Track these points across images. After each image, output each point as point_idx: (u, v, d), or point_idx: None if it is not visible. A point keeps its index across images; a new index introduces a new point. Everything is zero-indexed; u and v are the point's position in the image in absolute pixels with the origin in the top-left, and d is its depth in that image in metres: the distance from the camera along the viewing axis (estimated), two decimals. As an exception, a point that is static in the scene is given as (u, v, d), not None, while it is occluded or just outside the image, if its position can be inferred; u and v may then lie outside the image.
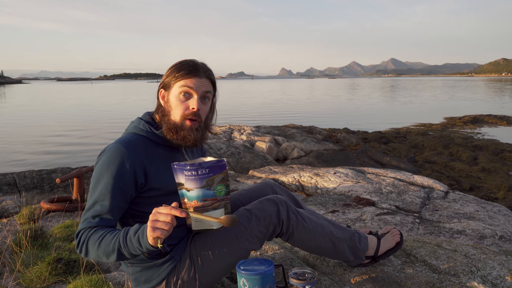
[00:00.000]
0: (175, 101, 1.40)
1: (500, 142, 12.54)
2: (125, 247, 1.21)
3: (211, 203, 1.21)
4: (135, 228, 1.21)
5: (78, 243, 1.30)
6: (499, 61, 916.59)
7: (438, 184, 4.21)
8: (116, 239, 1.23)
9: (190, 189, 1.19)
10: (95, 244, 1.26)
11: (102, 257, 1.26)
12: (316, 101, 37.50)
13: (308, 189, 4.37)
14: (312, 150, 9.94)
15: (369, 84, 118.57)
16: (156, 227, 1.12)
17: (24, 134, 16.24)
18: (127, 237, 1.21)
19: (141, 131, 1.42)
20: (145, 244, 1.16)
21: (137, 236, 1.19)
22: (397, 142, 12.57)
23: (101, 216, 1.31)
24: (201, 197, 1.19)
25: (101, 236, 1.26)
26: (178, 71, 1.40)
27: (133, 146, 1.36)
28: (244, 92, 64.97)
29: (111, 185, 1.31)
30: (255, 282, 1.36)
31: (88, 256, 1.30)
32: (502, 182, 7.88)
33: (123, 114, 25.20)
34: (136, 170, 1.34)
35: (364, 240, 1.71)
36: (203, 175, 1.19)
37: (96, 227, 1.30)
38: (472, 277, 1.69)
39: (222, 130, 10.99)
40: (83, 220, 1.32)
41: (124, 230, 1.24)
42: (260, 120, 20.10)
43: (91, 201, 1.32)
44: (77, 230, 1.32)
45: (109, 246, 1.23)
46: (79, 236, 1.30)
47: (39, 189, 6.24)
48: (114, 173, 1.31)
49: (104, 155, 1.34)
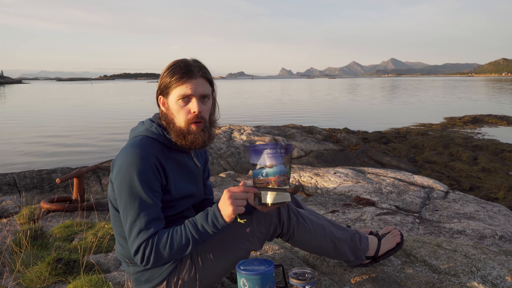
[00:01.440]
0: (175, 107, 1.39)
1: (500, 142, 12.54)
2: (200, 236, 1.31)
3: (284, 178, 1.34)
4: (203, 216, 1.31)
5: (143, 256, 1.30)
6: (499, 61, 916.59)
7: (438, 184, 4.21)
8: (187, 233, 1.30)
9: (272, 165, 1.32)
10: (166, 248, 1.30)
11: (176, 255, 1.32)
12: (316, 101, 37.50)
13: (308, 189, 4.37)
14: (312, 150, 9.94)
15: (369, 84, 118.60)
16: (238, 205, 1.26)
17: (24, 134, 16.23)
18: (198, 226, 1.31)
19: (153, 134, 1.40)
20: (222, 224, 1.29)
21: (211, 221, 1.29)
22: (397, 142, 12.56)
23: (153, 222, 1.32)
24: (281, 172, 1.33)
25: (168, 237, 1.30)
26: (171, 76, 1.37)
27: (149, 149, 1.35)
28: (244, 92, 64.97)
29: (145, 190, 1.30)
30: (255, 282, 1.36)
31: (159, 262, 1.33)
32: (502, 182, 7.88)
33: (123, 114, 25.21)
34: (159, 170, 1.35)
35: (364, 241, 1.71)
36: (282, 153, 1.33)
37: (155, 234, 1.31)
38: (472, 277, 1.69)
39: (222, 130, 10.98)
40: (136, 233, 1.30)
41: (189, 222, 1.32)
42: (260, 120, 20.09)
43: (133, 213, 1.30)
44: (135, 246, 1.30)
45: (182, 242, 1.30)
46: (141, 249, 1.30)
47: (39, 189, 6.24)
48: (143, 177, 1.30)
49: (123, 164, 1.31)
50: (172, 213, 1.44)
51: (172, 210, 1.44)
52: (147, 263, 1.31)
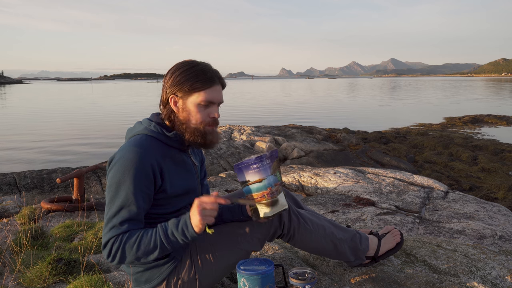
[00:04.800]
0: (194, 110, 1.40)
1: (500, 142, 12.55)
2: (168, 243, 1.28)
3: (277, 187, 1.34)
4: (174, 223, 1.29)
5: (110, 251, 1.29)
6: (499, 61, 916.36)
7: (438, 184, 4.21)
8: (156, 237, 1.28)
9: (261, 179, 1.31)
10: (133, 248, 1.28)
11: (141, 258, 1.30)
12: (316, 101, 37.49)
13: (308, 189, 4.37)
14: (312, 150, 9.94)
15: (369, 84, 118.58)
16: (206, 215, 1.24)
17: (24, 134, 16.24)
18: (168, 232, 1.28)
19: (152, 132, 1.41)
20: (191, 234, 1.26)
21: (181, 229, 1.27)
22: (397, 142, 12.57)
23: (129, 221, 1.30)
24: (272, 183, 1.32)
25: (137, 238, 1.28)
26: (194, 81, 1.37)
27: (147, 147, 1.35)
28: (244, 92, 64.96)
29: (134, 189, 1.29)
30: (255, 282, 1.36)
31: (124, 261, 1.31)
32: (502, 182, 7.89)
33: (123, 114, 25.21)
34: (154, 170, 1.34)
35: (365, 241, 1.71)
36: (268, 164, 1.32)
37: (126, 232, 1.30)
38: (472, 277, 1.69)
39: (222, 130, 10.98)
40: (109, 228, 1.30)
41: (160, 227, 1.30)
42: (260, 120, 20.09)
43: (114, 208, 1.30)
44: (105, 239, 1.30)
45: (150, 246, 1.28)
46: (109, 244, 1.29)
47: (39, 189, 6.25)
48: (135, 175, 1.29)
49: (119, 160, 1.32)
50: (169, 210, 1.44)
51: (169, 208, 1.44)
52: (113, 260, 1.29)
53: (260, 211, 1.35)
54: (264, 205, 1.33)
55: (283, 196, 1.40)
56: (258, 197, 1.33)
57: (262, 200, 1.33)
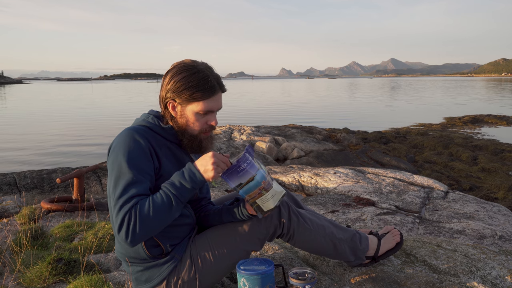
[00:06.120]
0: (192, 117, 1.41)
1: (500, 142, 12.54)
2: (180, 194, 1.29)
3: (268, 178, 1.36)
4: (179, 174, 1.30)
5: (127, 229, 1.22)
6: (499, 61, 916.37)
7: (438, 184, 4.21)
8: (167, 193, 1.27)
9: (252, 177, 1.32)
10: (150, 214, 1.23)
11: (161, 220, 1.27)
12: (316, 101, 37.49)
13: (308, 189, 4.37)
14: (312, 150, 9.94)
15: (369, 84, 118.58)
16: (218, 166, 1.27)
17: (24, 134, 16.24)
18: (176, 183, 1.29)
19: (149, 124, 1.44)
20: (199, 179, 1.28)
21: (188, 176, 1.29)
22: (397, 142, 12.56)
23: (137, 196, 1.27)
24: (264, 176, 1.34)
25: (149, 204, 1.25)
26: (195, 90, 1.37)
27: (143, 132, 1.38)
28: (244, 92, 64.95)
29: (136, 167, 1.30)
30: (255, 282, 1.36)
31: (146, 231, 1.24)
32: (502, 182, 7.89)
33: (123, 114, 25.20)
34: (151, 151, 1.36)
35: (365, 241, 1.72)
36: (252, 160, 1.33)
37: (136, 204, 1.25)
38: (472, 277, 1.69)
39: (222, 130, 10.98)
40: (119, 207, 1.24)
41: (166, 183, 1.30)
42: (260, 120, 20.08)
43: (120, 188, 1.26)
44: (119, 220, 1.23)
45: (164, 205, 1.26)
46: (125, 222, 1.22)
47: (39, 189, 6.24)
48: (135, 155, 1.31)
49: (117, 144, 1.34)
50: None
51: None
52: (133, 237, 1.22)
53: (263, 206, 1.37)
54: (265, 198, 1.35)
55: (276, 183, 1.43)
56: (256, 194, 1.34)
57: (262, 195, 1.35)
